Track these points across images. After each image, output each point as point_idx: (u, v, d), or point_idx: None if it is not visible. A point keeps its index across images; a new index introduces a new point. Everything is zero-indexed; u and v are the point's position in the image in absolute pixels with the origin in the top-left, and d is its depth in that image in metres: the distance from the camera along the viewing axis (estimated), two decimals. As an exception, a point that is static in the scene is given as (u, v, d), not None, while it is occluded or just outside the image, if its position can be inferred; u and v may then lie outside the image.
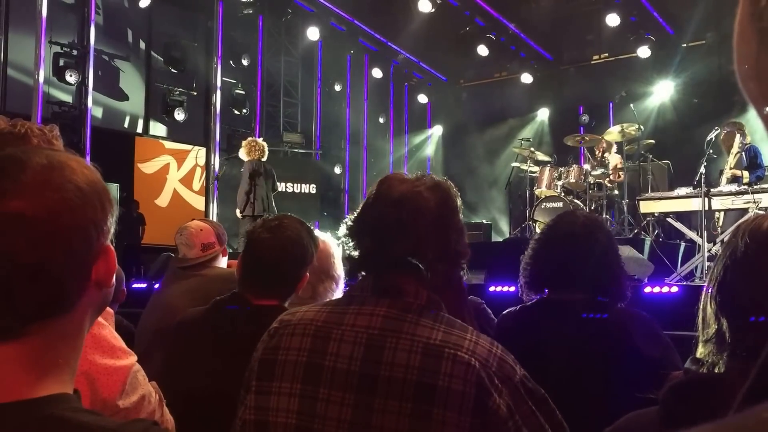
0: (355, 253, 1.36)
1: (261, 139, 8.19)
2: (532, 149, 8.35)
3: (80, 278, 0.80)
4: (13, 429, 0.74)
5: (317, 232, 2.08)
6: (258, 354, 1.33)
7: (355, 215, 1.38)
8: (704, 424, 0.29)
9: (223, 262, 3.05)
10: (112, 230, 0.85)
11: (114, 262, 0.84)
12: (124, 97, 10.64)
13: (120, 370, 1.30)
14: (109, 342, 1.31)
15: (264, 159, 7.66)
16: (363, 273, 1.36)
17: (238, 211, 7.61)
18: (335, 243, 2.15)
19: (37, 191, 0.76)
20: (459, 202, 1.39)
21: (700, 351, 1.12)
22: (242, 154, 7.65)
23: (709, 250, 5.14)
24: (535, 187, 8.00)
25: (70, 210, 0.78)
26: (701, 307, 1.14)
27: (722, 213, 5.80)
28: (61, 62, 9.31)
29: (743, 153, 6.00)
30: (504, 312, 2.11)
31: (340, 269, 2.18)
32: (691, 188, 5.86)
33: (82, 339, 0.85)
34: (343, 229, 1.39)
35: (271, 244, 1.86)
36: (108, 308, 1.02)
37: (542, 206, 7.51)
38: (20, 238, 0.75)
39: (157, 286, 4.15)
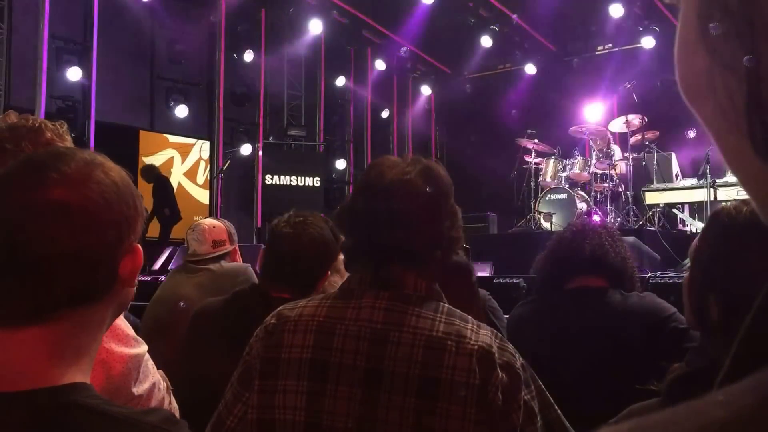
0: (348, 244, 1.35)
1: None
2: (536, 141, 8.33)
3: (110, 272, 0.83)
4: (38, 415, 0.76)
5: None
6: (257, 352, 1.31)
7: (346, 204, 1.36)
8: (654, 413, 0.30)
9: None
10: (140, 231, 0.88)
11: (140, 261, 0.87)
12: (127, 91, 10.64)
13: (134, 358, 1.34)
14: (124, 331, 1.34)
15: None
16: (357, 265, 1.34)
17: None
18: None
19: (78, 183, 0.81)
20: (451, 185, 1.34)
21: (701, 343, 1.12)
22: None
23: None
24: (540, 179, 7.98)
25: (107, 204, 0.82)
26: (694, 300, 1.13)
27: (727, 203, 5.77)
28: (65, 57, 9.31)
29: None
30: (520, 303, 2.15)
31: None
32: (696, 179, 5.84)
33: (102, 333, 0.88)
34: (334, 219, 1.39)
35: (291, 240, 1.91)
36: None
37: (546, 198, 7.50)
38: (62, 226, 0.78)
39: (162, 279, 4.17)
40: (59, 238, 0.78)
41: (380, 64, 12.89)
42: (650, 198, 6.47)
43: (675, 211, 6.41)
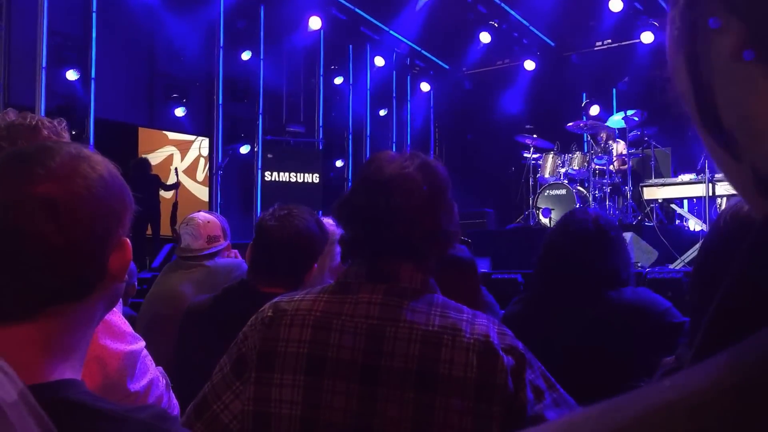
0: (346, 237, 1.36)
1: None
2: (535, 136, 8.32)
3: (98, 267, 0.83)
4: None
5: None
6: (253, 343, 1.31)
7: (345, 198, 1.37)
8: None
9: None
10: (129, 225, 0.88)
11: (130, 256, 0.86)
12: (127, 88, 10.63)
13: (130, 355, 1.34)
14: (120, 327, 1.34)
15: None
16: (354, 258, 1.36)
17: None
18: (337, 233, 2.16)
19: (64, 177, 0.80)
20: (448, 180, 1.36)
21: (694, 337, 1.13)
22: None
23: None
24: (538, 175, 7.98)
25: (94, 198, 0.81)
26: (689, 293, 1.14)
27: (725, 199, 5.79)
28: (64, 54, 9.30)
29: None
30: (516, 298, 2.15)
31: (337, 259, 2.20)
32: (695, 174, 5.85)
33: (92, 329, 0.88)
34: (333, 212, 1.39)
35: (277, 233, 1.91)
36: None
37: (545, 193, 7.50)
38: (49, 222, 0.77)
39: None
40: (46, 233, 0.77)
41: (379, 61, 12.87)
42: (648, 193, 6.47)
43: (673, 206, 6.41)
